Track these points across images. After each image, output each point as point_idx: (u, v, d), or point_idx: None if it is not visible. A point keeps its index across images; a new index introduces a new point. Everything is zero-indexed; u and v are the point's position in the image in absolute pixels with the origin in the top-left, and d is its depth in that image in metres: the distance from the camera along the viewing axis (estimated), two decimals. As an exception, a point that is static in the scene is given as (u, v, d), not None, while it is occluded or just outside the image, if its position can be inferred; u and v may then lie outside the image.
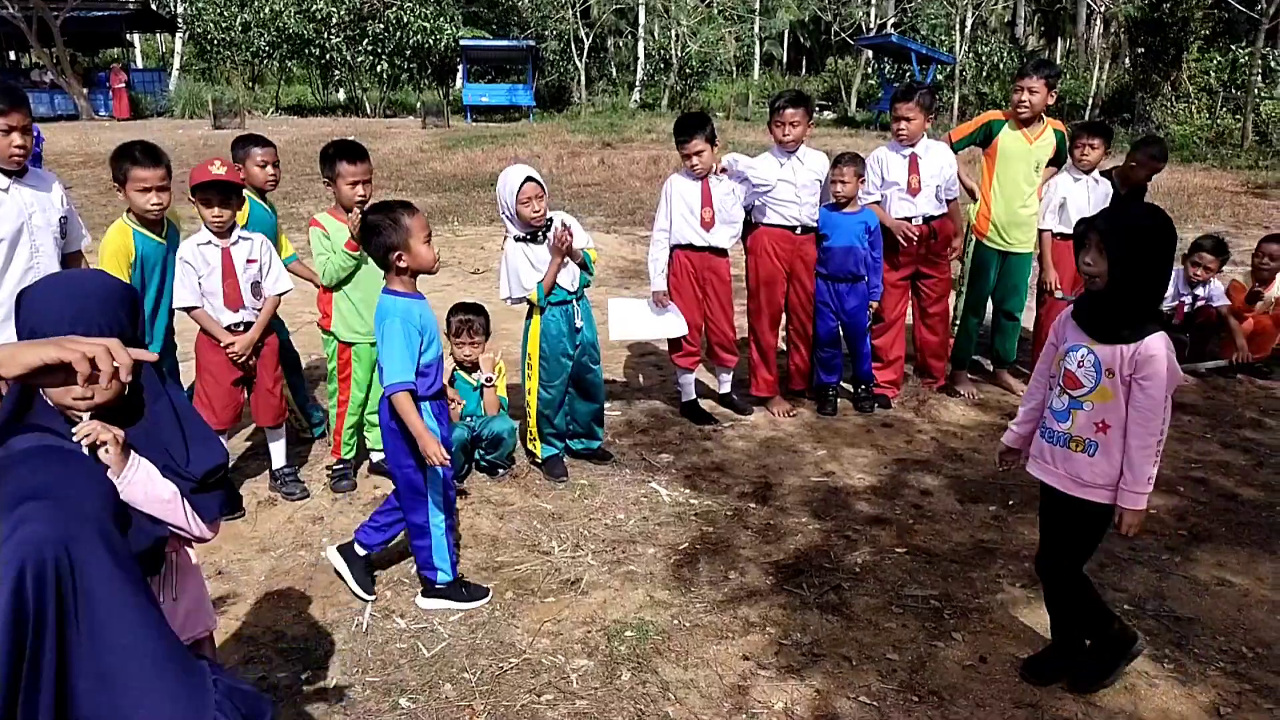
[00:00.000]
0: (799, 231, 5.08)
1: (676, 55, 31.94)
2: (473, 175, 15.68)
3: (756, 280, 5.21)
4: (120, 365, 1.38)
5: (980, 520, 4.06)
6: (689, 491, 4.32)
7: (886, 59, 30.48)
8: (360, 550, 3.43)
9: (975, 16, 29.16)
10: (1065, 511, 2.77)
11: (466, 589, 3.39)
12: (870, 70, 33.28)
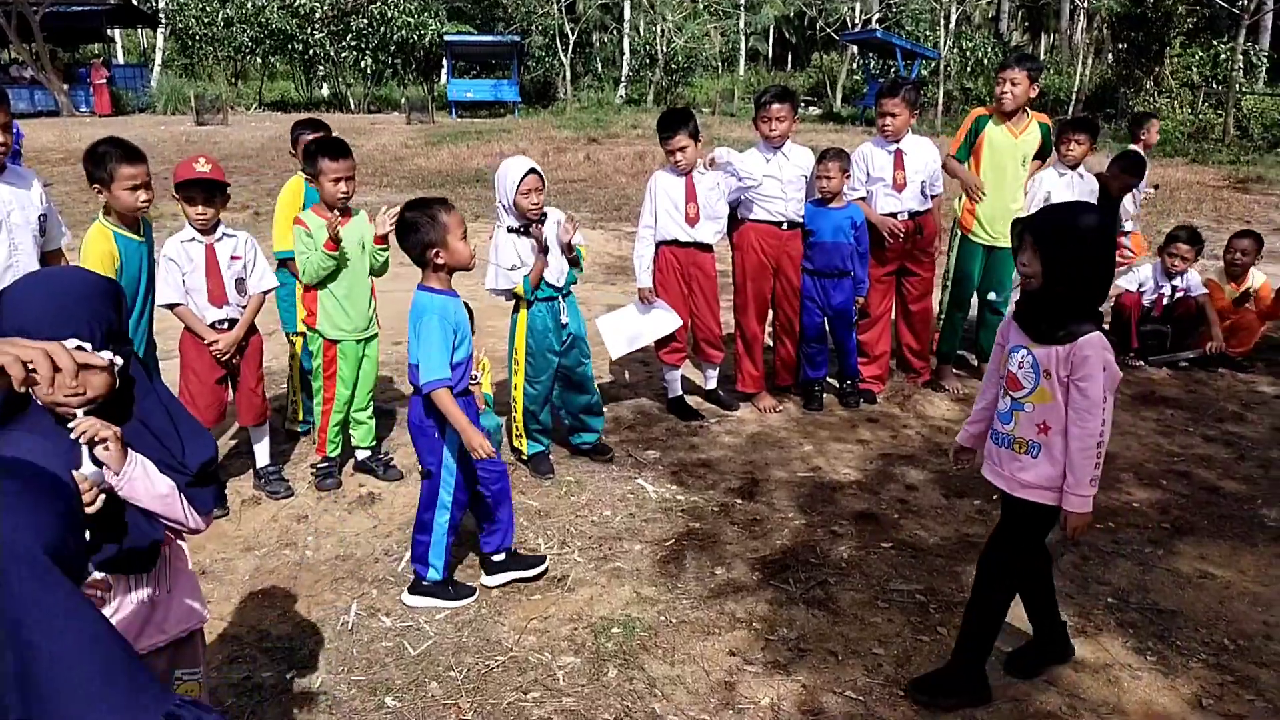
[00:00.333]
0: (785, 227, 5.09)
1: (662, 51, 31.92)
2: (458, 171, 15.62)
3: (743, 275, 5.22)
4: (63, 370, 1.35)
5: (965, 515, 4.08)
6: (675, 487, 4.32)
7: (871, 54, 30.58)
8: (498, 557, 3.45)
9: (959, 12, 29.22)
10: (1014, 513, 2.73)
11: (454, 588, 3.38)
12: (855, 66, 33.37)
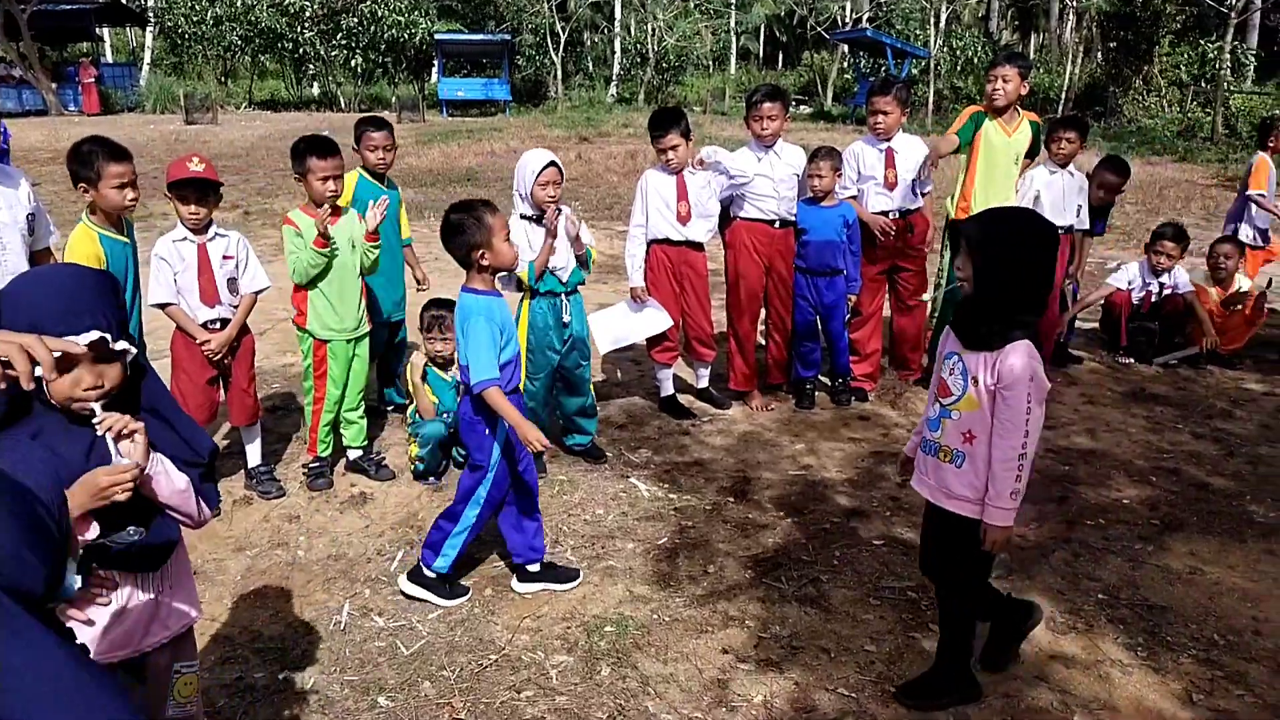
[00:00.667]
0: (777, 225, 5.10)
1: (653, 50, 31.90)
2: (449, 170, 15.58)
3: (735, 274, 5.22)
4: (42, 363, 1.35)
5: (957, 512, 4.09)
6: (668, 487, 4.33)
7: (862, 53, 30.66)
8: (532, 567, 3.44)
9: (950, 11, 29.33)
10: (939, 523, 2.66)
11: (450, 587, 3.37)
12: (846, 65, 33.45)
